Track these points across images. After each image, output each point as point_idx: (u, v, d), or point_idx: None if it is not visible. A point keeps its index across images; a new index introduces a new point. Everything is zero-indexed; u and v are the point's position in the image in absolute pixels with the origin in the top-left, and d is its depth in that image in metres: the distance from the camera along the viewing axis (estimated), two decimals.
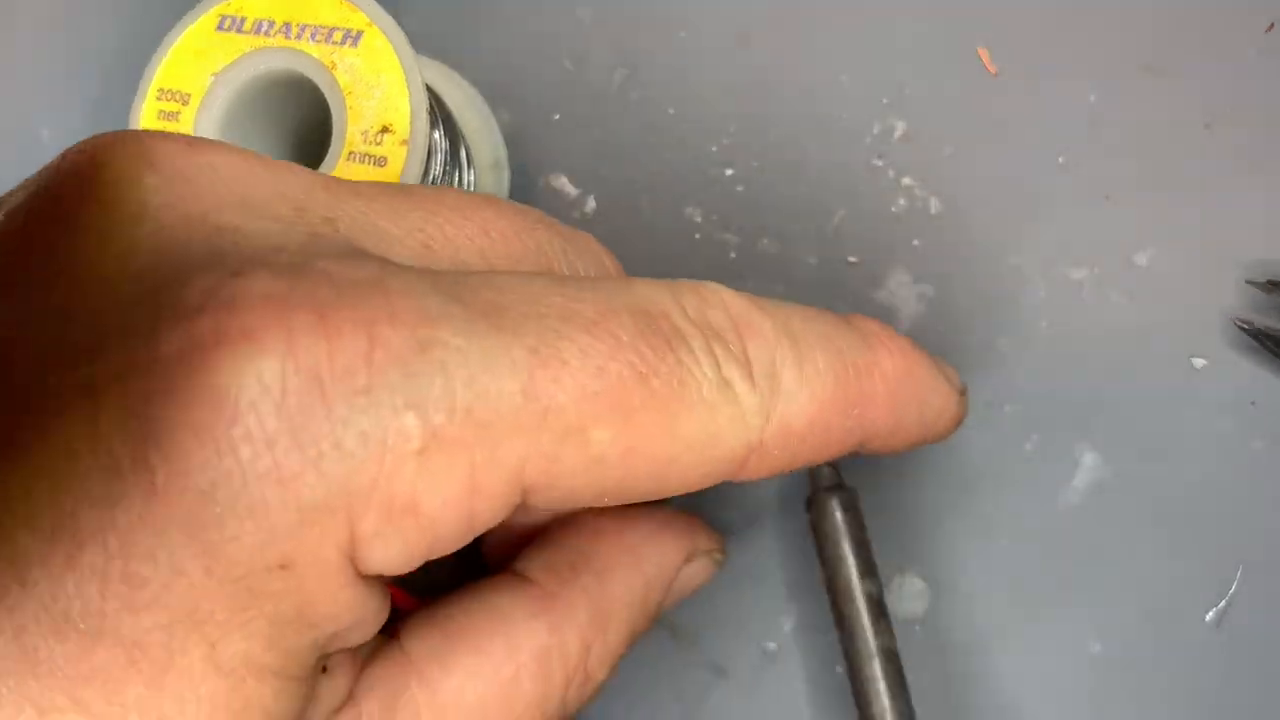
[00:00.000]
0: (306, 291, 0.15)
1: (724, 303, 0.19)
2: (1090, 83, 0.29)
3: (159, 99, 0.26)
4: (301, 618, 0.16)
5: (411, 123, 0.25)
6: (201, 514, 0.14)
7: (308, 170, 0.19)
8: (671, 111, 0.31)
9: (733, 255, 0.30)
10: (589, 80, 0.31)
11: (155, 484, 0.14)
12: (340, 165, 0.25)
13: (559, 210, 0.31)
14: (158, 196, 0.16)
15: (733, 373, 0.18)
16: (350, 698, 0.19)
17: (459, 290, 0.16)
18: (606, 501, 0.19)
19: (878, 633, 0.25)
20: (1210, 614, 0.27)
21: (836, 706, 0.27)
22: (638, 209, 0.30)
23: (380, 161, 0.25)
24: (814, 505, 0.26)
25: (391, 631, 0.20)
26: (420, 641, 0.20)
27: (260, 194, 0.17)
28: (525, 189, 0.31)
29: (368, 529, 0.15)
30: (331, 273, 0.16)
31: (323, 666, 0.18)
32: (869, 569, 0.25)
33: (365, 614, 0.17)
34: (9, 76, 0.35)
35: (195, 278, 0.15)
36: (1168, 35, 0.29)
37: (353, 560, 0.16)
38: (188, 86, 0.26)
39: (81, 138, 0.33)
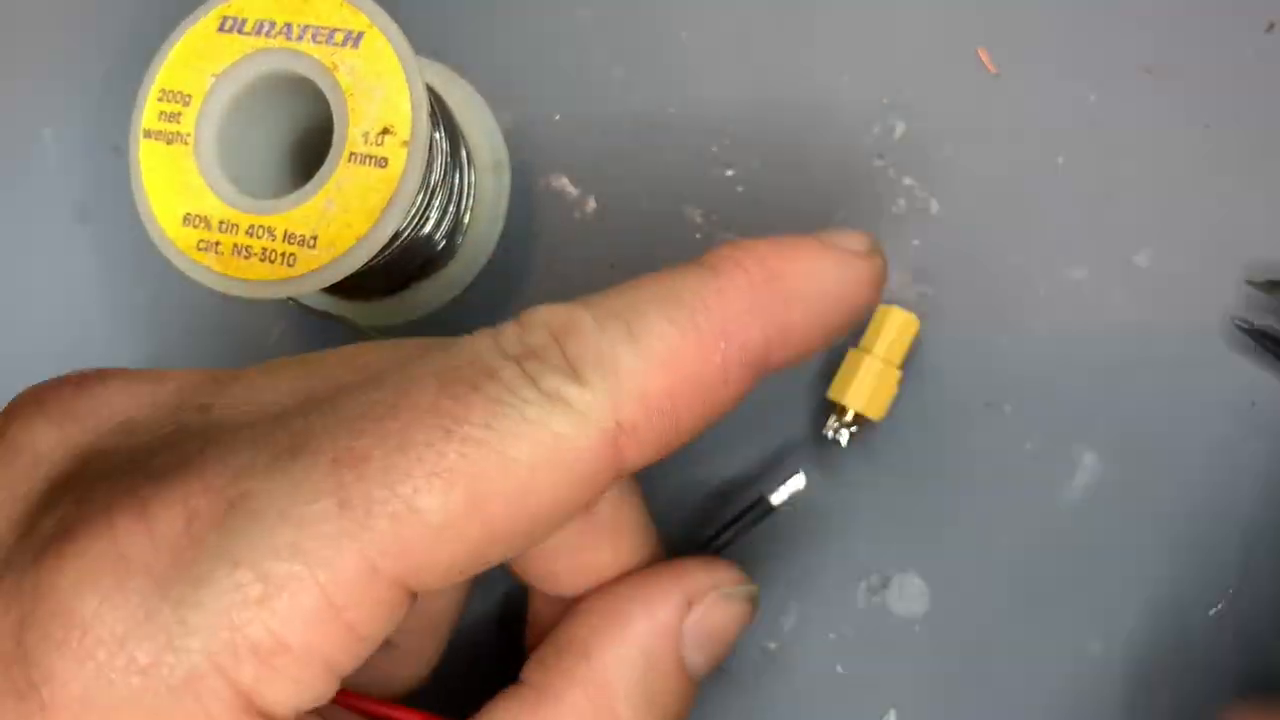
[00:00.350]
0: (129, 491, 0.18)
1: (543, 320, 0.19)
2: (1090, 83, 0.29)
3: (160, 100, 0.26)
4: None
5: (412, 124, 0.25)
6: (86, 716, 0.17)
7: (195, 371, 0.21)
8: (671, 111, 0.31)
9: None
10: (589, 80, 0.31)
11: (44, 700, 0.17)
12: (341, 166, 0.25)
13: (559, 210, 0.31)
14: (49, 440, 0.20)
15: (554, 382, 0.18)
16: None
17: (273, 433, 0.18)
18: (501, 555, 0.19)
19: None
20: (1211, 613, 0.27)
21: (837, 706, 0.27)
22: (638, 209, 0.30)
23: (381, 163, 0.25)
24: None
25: None
26: None
27: (140, 411, 0.20)
28: (525, 189, 0.31)
29: (248, 678, 0.17)
30: (157, 465, 0.18)
31: None
32: None
33: None
34: (12, 76, 0.35)
35: (55, 509, 0.18)
36: (1168, 36, 0.29)
37: (257, 709, 0.17)
38: (189, 87, 0.26)
39: (83, 138, 0.33)
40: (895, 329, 0.27)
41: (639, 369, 0.19)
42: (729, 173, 0.30)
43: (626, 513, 0.24)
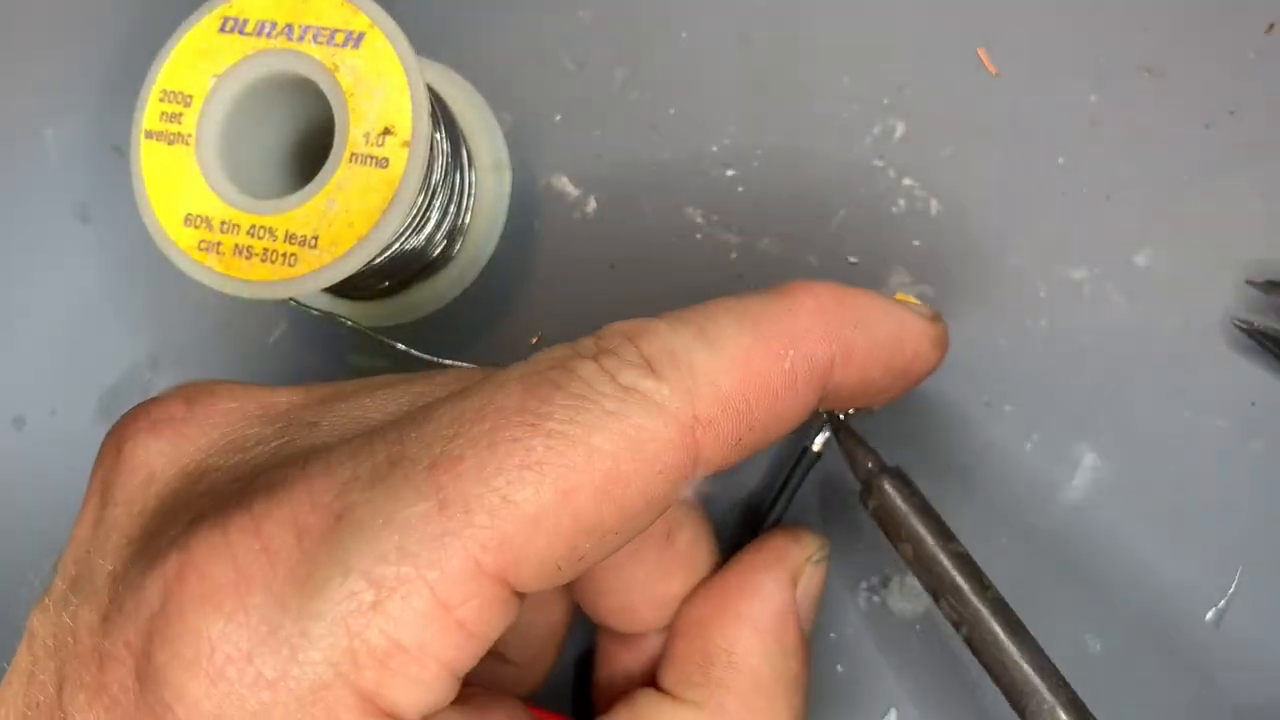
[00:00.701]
0: (243, 509, 0.18)
1: (619, 329, 0.20)
2: (1090, 83, 0.29)
3: (162, 100, 0.26)
4: None
5: (413, 124, 0.25)
6: None
7: (302, 388, 0.22)
8: (672, 112, 0.31)
9: (733, 255, 0.30)
10: (590, 81, 0.31)
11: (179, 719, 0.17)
12: (342, 167, 0.25)
13: (560, 210, 0.31)
14: (162, 459, 0.21)
15: (632, 376, 0.19)
16: None
17: (371, 445, 0.19)
18: (595, 551, 0.19)
19: (983, 588, 0.24)
20: (1210, 613, 0.27)
21: (837, 705, 0.27)
22: (638, 209, 0.30)
23: (382, 163, 0.25)
24: (870, 493, 0.25)
25: None
26: None
27: (250, 428, 0.21)
28: (526, 190, 0.31)
29: (370, 683, 0.17)
30: (264, 483, 0.19)
31: None
32: (946, 533, 0.25)
33: None
34: (13, 76, 0.35)
35: (170, 527, 0.19)
36: (1168, 36, 0.29)
37: (383, 712, 0.18)
38: (190, 88, 0.26)
39: (84, 138, 0.33)
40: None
41: (713, 366, 0.20)
42: (729, 173, 0.30)
43: (702, 545, 0.25)
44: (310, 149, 0.28)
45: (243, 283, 0.25)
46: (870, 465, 0.25)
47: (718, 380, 0.20)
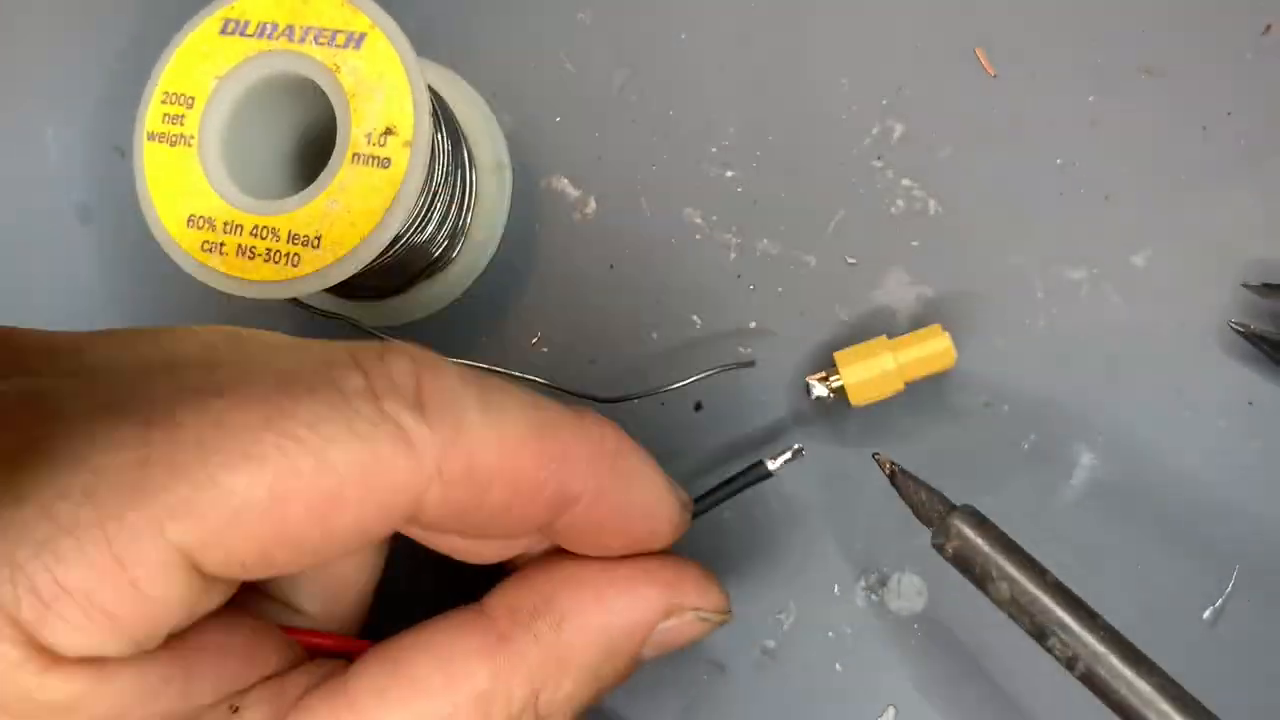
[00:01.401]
0: None
1: (410, 352, 0.19)
2: (1089, 84, 0.29)
3: (164, 102, 0.26)
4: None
5: (415, 124, 0.25)
6: None
7: (58, 333, 0.20)
8: (672, 113, 0.31)
9: (732, 256, 0.30)
10: (590, 82, 0.31)
11: None
12: (345, 168, 0.25)
13: (560, 211, 0.31)
14: None
15: (397, 406, 0.18)
16: None
17: (94, 387, 0.18)
18: (286, 563, 0.18)
19: (1092, 618, 0.23)
20: (1207, 612, 0.27)
21: (834, 703, 0.27)
22: (638, 210, 0.30)
23: (384, 163, 0.25)
24: (947, 535, 0.24)
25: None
26: (365, 676, 0.21)
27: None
28: (526, 190, 0.31)
29: (28, 616, 0.17)
30: None
31: (234, 707, 0.20)
32: (1038, 568, 0.23)
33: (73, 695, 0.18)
34: (15, 78, 0.35)
35: None
36: (1166, 37, 0.29)
37: (40, 647, 0.17)
38: (192, 90, 0.26)
39: (86, 139, 0.33)
40: (928, 352, 0.27)
41: (481, 434, 0.19)
42: (729, 174, 0.30)
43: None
44: (312, 150, 0.28)
45: (246, 283, 0.25)
46: (940, 507, 0.24)
47: (479, 450, 0.19)
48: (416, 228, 0.28)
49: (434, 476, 0.19)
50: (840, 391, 0.27)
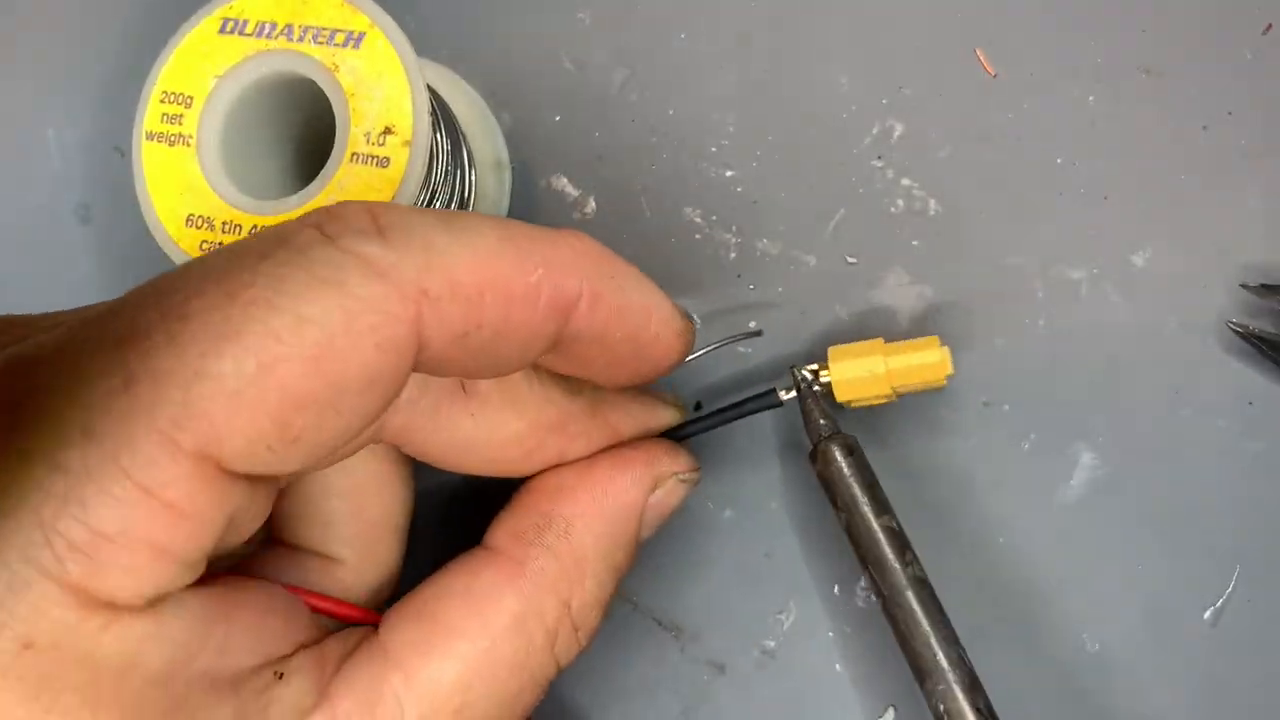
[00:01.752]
0: None
1: (359, 201, 0.19)
2: (1089, 84, 0.29)
3: (163, 101, 0.26)
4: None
5: (414, 123, 0.25)
6: None
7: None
8: (671, 113, 0.31)
9: (732, 255, 0.30)
10: (590, 82, 0.31)
11: None
12: (344, 167, 0.25)
13: (560, 211, 0.31)
14: None
15: (356, 241, 0.18)
16: (325, 697, 0.20)
17: (59, 326, 0.18)
18: (316, 430, 0.18)
19: (904, 564, 0.25)
20: (1208, 613, 0.27)
21: (833, 704, 0.27)
22: (638, 210, 0.30)
23: (383, 162, 0.25)
24: (818, 456, 0.26)
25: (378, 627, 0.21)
26: (398, 633, 0.21)
27: None
28: (526, 190, 0.31)
29: (75, 575, 0.16)
30: None
31: (278, 674, 0.19)
32: (883, 507, 0.25)
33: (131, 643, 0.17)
34: (15, 78, 0.35)
35: None
36: (1166, 37, 0.29)
37: (99, 603, 0.16)
38: (190, 89, 0.26)
39: (85, 139, 0.33)
40: (922, 363, 0.26)
41: (453, 248, 0.18)
42: (728, 173, 0.30)
43: (530, 382, 0.24)
44: (311, 149, 0.28)
45: None
46: (824, 428, 0.26)
47: (455, 263, 0.18)
48: None
49: (419, 299, 0.18)
50: (827, 388, 0.27)
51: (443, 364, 0.19)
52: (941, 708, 0.24)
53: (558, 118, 0.31)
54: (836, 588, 0.28)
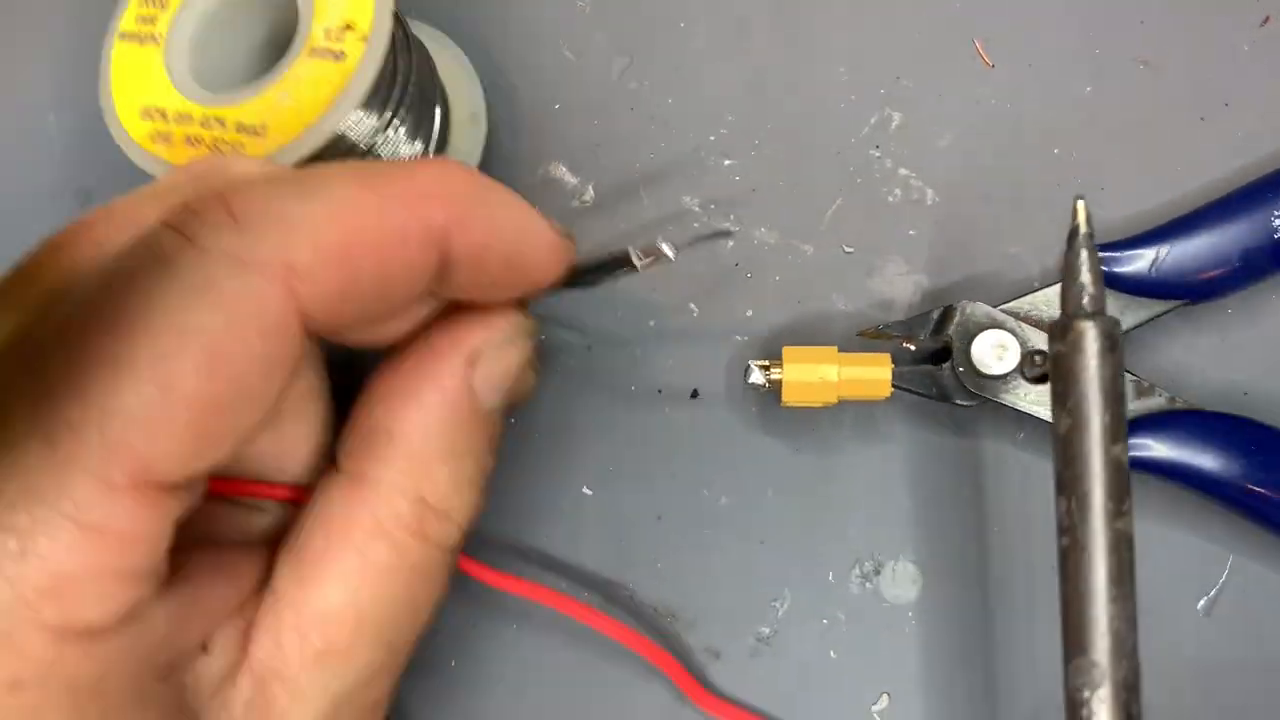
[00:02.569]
0: None
1: (209, 180, 0.20)
2: (1086, 75, 0.29)
3: (141, 4, 0.27)
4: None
5: (374, 19, 0.25)
6: None
7: None
8: (670, 101, 0.31)
9: (730, 244, 0.30)
10: (589, 70, 0.31)
11: None
12: (299, 61, 0.25)
13: (558, 198, 0.31)
14: None
15: (213, 237, 0.18)
16: (243, 653, 0.21)
17: None
18: (232, 425, 0.18)
19: (1119, 513, 0.19)
20: (1201, 602, 0.27)
21: (828, 690, 0.27)
22: (636, 198, 0.31)
23: (339, 56, 0.25)
24: (1066, 333, 0.20)
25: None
26: (282, 575, 0.21)
27: None
28: (525, 178, 0.31)
29: (52, 617, 0.17)
30: None
31: (203, 646, 0.20)
32: (1117, 430, 0.19)
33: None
34: (16, 61, 0.35)
35: None
36: (1163, 28, 0.29)
37: (77, 634, 0.17)
38: None
39: (87, 124, 0.33)
40: (869, 377, 0.26)
41: (309, 213, 0.19)
42: (727, 162, 0.30)
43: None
44: (281, 53, 0.28)
45: None
46: (1089, 301, 0.20)
47: (315, 228, 0.19)
48: (374, 137, 0.27)
49: (287, 276, 0.18)
50: (775, 384, 0.27)
51: (336, 324, 0.20)
52: (1084, 697, 0.19)
53: (556, 105, 0.31)
54: (831, 575, 0.28)
